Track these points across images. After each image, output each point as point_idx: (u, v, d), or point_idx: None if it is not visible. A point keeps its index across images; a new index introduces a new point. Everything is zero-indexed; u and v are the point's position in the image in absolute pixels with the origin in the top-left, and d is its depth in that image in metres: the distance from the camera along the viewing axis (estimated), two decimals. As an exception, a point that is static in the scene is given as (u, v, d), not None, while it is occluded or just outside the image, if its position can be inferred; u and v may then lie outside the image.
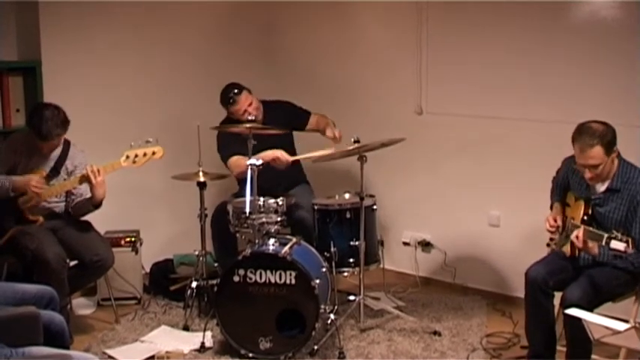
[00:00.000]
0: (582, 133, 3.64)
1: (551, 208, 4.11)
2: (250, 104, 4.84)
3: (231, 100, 4.84)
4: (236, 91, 4.84)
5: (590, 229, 3.60)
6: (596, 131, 3.62)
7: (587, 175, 3.69)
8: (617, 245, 3.38)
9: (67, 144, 4.43)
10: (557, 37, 4.57)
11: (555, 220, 3.95)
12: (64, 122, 4.24)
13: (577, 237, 3.58)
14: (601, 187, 3.76)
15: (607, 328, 2.95)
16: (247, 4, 5.77)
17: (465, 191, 5.08)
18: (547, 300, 3.82)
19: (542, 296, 3.80)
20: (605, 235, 3.43)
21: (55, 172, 4.37)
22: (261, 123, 4.86)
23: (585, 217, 3.77)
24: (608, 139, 3.61)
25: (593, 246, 3.59)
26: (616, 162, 3.71)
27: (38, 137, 4.21)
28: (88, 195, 4.34)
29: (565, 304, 3.58)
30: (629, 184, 3.67)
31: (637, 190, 3.64)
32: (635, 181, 3.67)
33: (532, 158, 4.66)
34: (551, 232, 3.98)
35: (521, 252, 4.18)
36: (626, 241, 3.36)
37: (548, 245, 4.02)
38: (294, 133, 5.06)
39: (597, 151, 3.61)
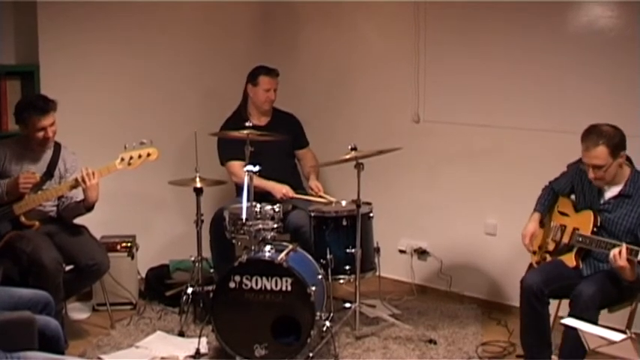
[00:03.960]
0: (591, 132, 3.68)
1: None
2: (275, 90, 4.98)
3: (264, 71, 4.95)
4: (274, 70, 4.98)
5: (631, 246, 3.48)
6: (603, 132, 3.65)
7: (591, 174, 3.70)
8: None
9: (57, 146, 4.41)
10: (556, 46, 4.58)
11: (531, 240, 4.00)
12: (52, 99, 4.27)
13: (619, 253, 3.44)
14: (611, 193, 3.75)
15: (603, 338, 2.95)
16: (244, 13, 5.79)
17: (462, 199, 5.08)
18: (543, 308, 3.82)
19: (537, 304, 3.80)
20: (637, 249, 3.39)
21: (48, 175, 4.35)
22: (265, 127, 4.89)
23: (595, 229, 3.76)
24: (614, 141, 3.63)
25: (632, 267, 3.45)
26: (627, 169, 3.71)
27: (39, 112, 4.18)
28: (80, 197, 4.32)
29: (577, 300, 3.58)
30: None
31: None
32: None
33: (529, 167, 4.66)
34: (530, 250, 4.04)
35: (518, 261, 4.17)
36: None
37: (534, 253, 4.05)
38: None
39: (602, 150, 3.62)
